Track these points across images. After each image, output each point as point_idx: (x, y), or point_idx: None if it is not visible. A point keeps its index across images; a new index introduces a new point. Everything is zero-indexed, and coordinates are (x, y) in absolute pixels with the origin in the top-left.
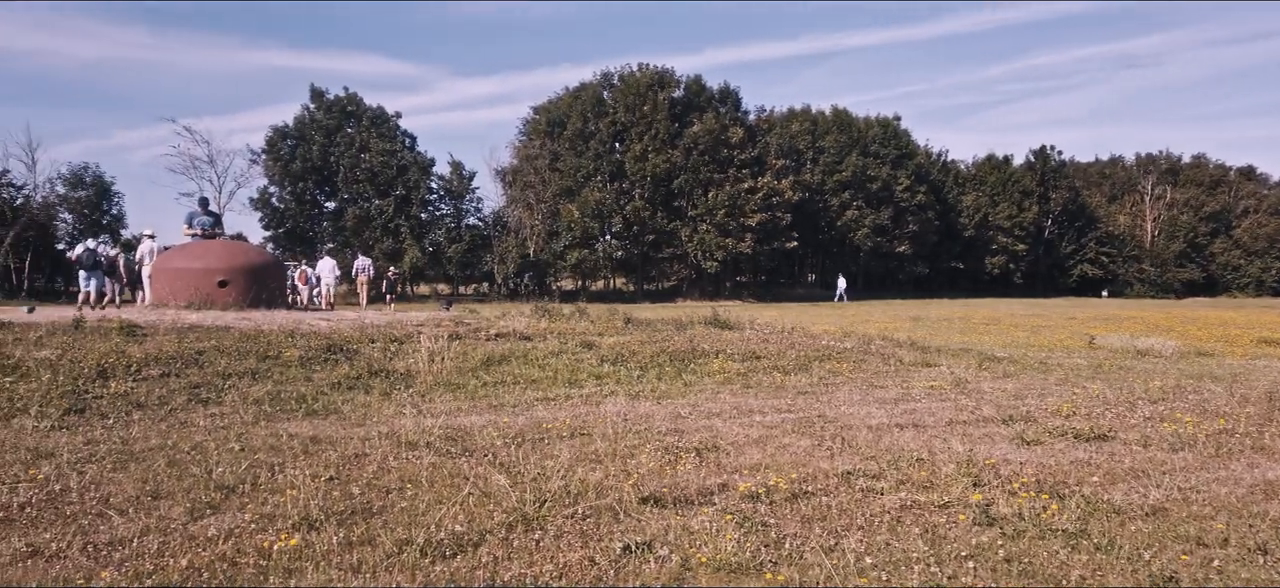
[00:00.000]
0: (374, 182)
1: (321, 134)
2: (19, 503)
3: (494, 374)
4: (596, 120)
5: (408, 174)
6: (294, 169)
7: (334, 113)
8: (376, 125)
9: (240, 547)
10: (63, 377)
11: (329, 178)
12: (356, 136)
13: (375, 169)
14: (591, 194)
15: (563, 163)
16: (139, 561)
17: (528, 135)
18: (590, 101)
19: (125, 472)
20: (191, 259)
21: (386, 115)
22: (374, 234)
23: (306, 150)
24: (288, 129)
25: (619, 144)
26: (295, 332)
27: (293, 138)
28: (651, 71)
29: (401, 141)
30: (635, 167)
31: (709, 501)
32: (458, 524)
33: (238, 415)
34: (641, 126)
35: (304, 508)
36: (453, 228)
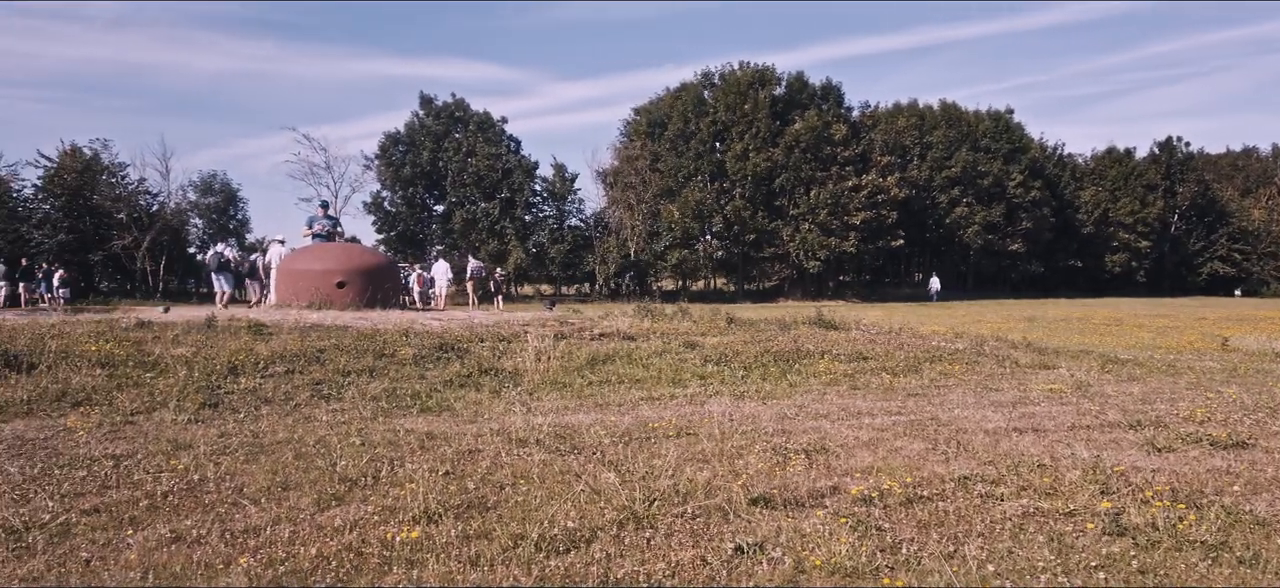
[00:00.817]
0: (480, 185)
1: (431, 140)
2: (162, 491)
3: (599, 373)
4: (697, 120)
5: (512, 177)
6: (405, 174)
7: (442, 119)
8: (483, 130)
9: (365, 537)
10: (197, 373)
11: (438, 182)
12: (464, 141)
13: (481, 173)
14: (692, 194)
15: (663, 163)
16: (272, 548)
17: (628, 136)
18: (691, 101)
19: (257, 463)
20: (312, 261)
21: (492, 120)
22: (480, 236)
23: (417, 156)
24: (399, 135)
25: (719, 143)
26: (409, 331)
27: (404, 144)
28: (752, 69)
29: (506, 146)
30: (736, 166)
31: (820, 503)
32: (570, 521)
33: (357, 411)
34: (742, 125)
35: (423, 502)
36: (555, 229)
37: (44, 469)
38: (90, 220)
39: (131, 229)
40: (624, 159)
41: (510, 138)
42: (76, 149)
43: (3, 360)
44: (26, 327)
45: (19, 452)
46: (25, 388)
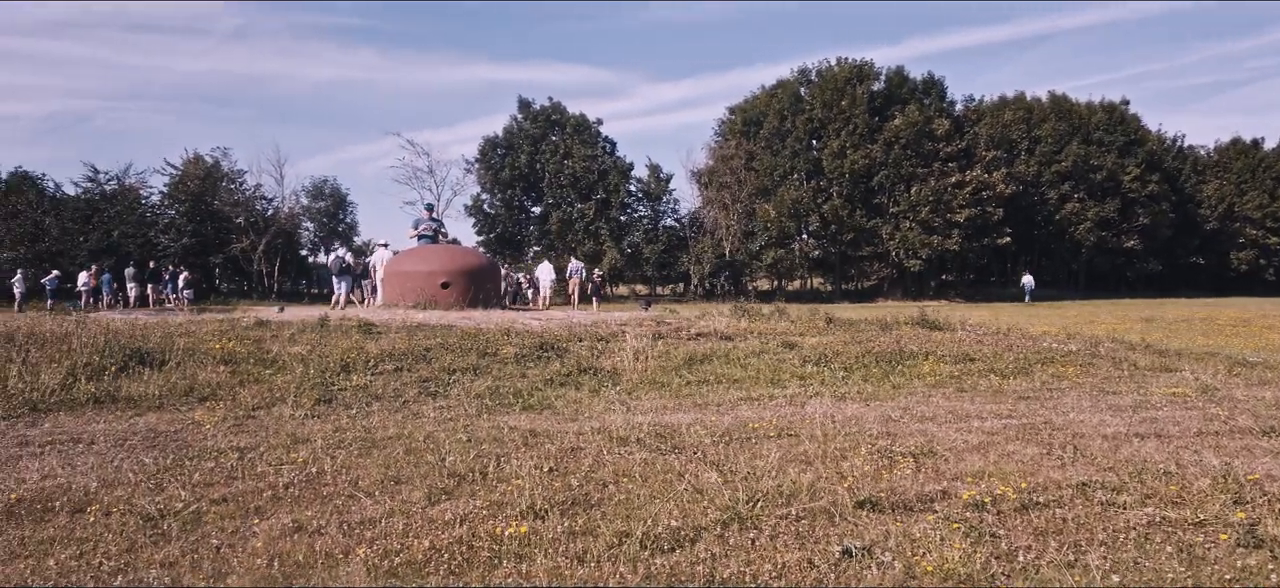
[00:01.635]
0: (576, 186)
1: (528, 143)
2: (284, 483)
3: (696, 373)
4: (793, 118)
5: (608, 178)
6: (504, 177)
7: (540, 122)
8: (579, 132)
9: (474, 532)
10: (312, 370)
11: (535, 184)
12: (561, 144)
13: (577, 174)
14: (788, 193)
15: (758, 162)
16: (387, 540)
17: (723, 136)
18: (786, 99)
19: (369, 458)
20: (417, 263)
21: (588, 122)
22: (576, 237)
23: (515, 159)
24: (498, 139)
25: (816, 141)
26: (510, 330)
27: (502, 147)
28: (850, 65)
29: (602, 147)
30: (833, 164)
31: (929, 507)
32: (673, 520)
33: (463, 408)
34: (839, 122)
35: (529, 498)
36: (650, 229)
37: (176, 460)
38: (211, 225)
39: (249, 233)
40: (719, 158)
41: (606, 140)
42: (199, 157)
43: (137, 358)
44: (157, 326)
45: (153, 443)
46: (156, 383)
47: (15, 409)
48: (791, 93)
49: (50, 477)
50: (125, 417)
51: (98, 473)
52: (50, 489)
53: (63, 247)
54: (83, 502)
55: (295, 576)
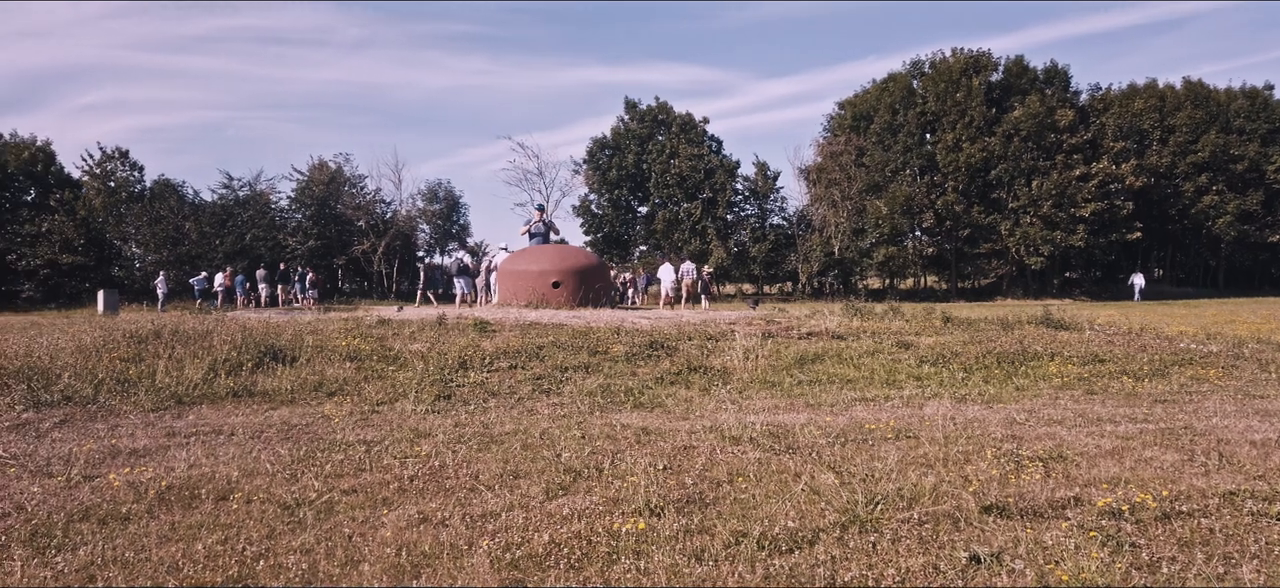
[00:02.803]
0: (683, 186)
1: (635, 143)
2: (408, 476)
3: (808, 373)
4: (905, 112)
5: (714, 177)
6: (611, 177)
7: (646, 122)
8: (685, 132)
9: (592, 527)
10: (432, 367)
11: (641, 184)
12: (667, 144)
13: (684, 174)
14: (900, 189)
15: (869, 158)
16: (508, 533)
17: (832, 131)
18: (898, 92)
19: (488, 453)
20: (529, 263)
21: (694, 121)
22: (682, 236)
23: (622, 159)
24: (605, 140)
25: (929, 135)
26: (620, 329)
27: (610, 148)
28: (965, 56)
29: (708, 146)
30: (947, 158)
31: (1061, 514)
32: (790, 520)
33: (575, 405)
34: (954, 115)
35: (644, 495)
36: (757, 228)
37: (308, 452)
38: (334, 228)
39: (369, 235)
40: (827, 155)
41: (712, 138)
42: (323, 163)
43: (270, 354)
44: (287, 325)
45: (287, 435)
46: (289, 379)
47: (162, 402)
48: (903, 86)
49: (196, 466)
50: (261, 410)
51: (238, 463)
52: (196, 477)
53: (201, 250)
54: (226, 490)
55: (422, 565)
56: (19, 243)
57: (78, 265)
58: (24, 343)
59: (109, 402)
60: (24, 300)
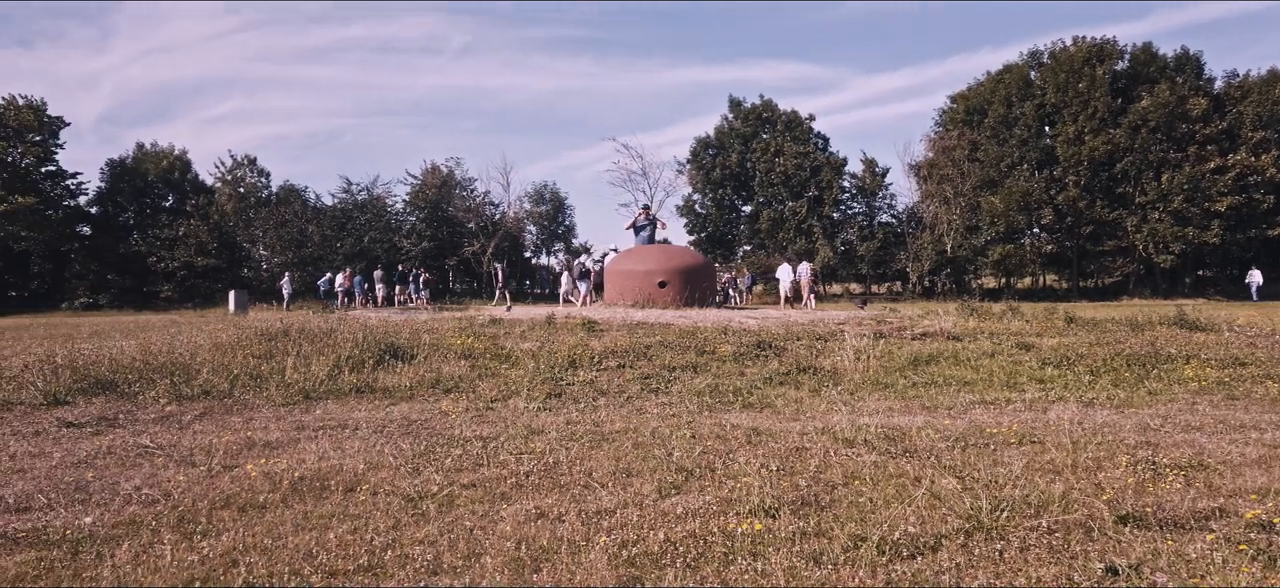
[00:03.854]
0: (788, 184)
1: (739, 142)
2: (524, 471)
3: (922, 374)
4: (1022, 104)
5: (820, 175)
6: (715, 176)
7: (750, 120)
8: (790, 129)
9: (707, 527)
10: (542, 365)
11: (746, 183)
12: (771, 142)
13: (789, 172)
14: (1016, 184)
15: (983, 152)
16: (624, 530)
17: (944, 126)
18: (1015, 84)
19: (600, 451)
20: (636, 263)
21: (800, 119)
22: (787, 235)
23: (725, 158)
24: (709, 139)
25: (1049, 128)
26: (727, 329)
27: (713, 147)
28: (1087, 44)
29: (814, 143)
30: (1068, 151)
31: (1205, 526)
32: (910, 526)
33: (684, 405)
34: (1076, 106)
35: (758, 496)
36: (865, 226)
37: (428, 447)
38: (446, 230)
39: (479, 236)
40: (939, 150)
41: (818, 135)
42: (435, 167)
43: (390, 352)
44: (405, 324)
45: (407, 431)
46: (407, 376)
47: (292, 397)
48: (1020, 77)
49: (325, 458)
50: (382, 405)
51: (364, 456)
52: (325, 469)
53: (322, 252)
54: (353, 482)
55: (541, 560)
56: (159, 246)
57: (211, 267)
58: (166, 341)
59: (243, 396)
60: (163, 300)
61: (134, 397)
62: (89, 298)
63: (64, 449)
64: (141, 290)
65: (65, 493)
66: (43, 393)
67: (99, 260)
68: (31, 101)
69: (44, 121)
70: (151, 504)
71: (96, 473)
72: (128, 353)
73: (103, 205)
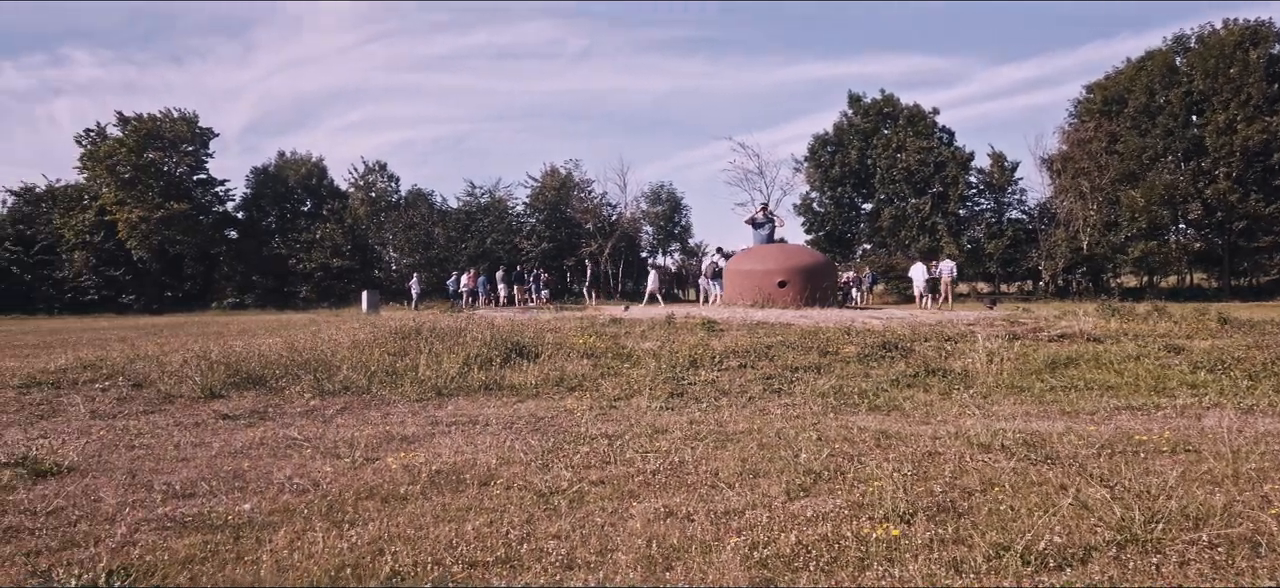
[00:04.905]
0: (910, 181)
1: (859, 138)
2: (651, 470)
3: (1060, 378)
4: (1166, 92)
5: (945, 170)
6: (833, 174)
7: (870, 116)
8: (913, 124)
9: (839, 530)
10: (664, 364)
11: (866, 180)
12: (893, 137)
13: (912, 168)
14: (1160, 177)
15: (1123, 144)
16: (753, 532)
17: (1079, 117)
18: (1157, 71)
19: (725, 451)
20: (755, 262)
21: (923, 113)
22: (910, 233)
23: (845, 155)
24: (828, 136)
25: (1196, 117)
26: (850, 329)
27: (832, 144)
28: (1239, 27)
29: (938, 138)
30: (1219, 141)
31: None
32: (1056, 536)
33: (808, 406)
34: (1227, 93)
35: (891, 501)
36: (993, 223)
37: (556, 444)
38: (564, 231)
39: (596, 237)
40: (1074, 142)
41: (942, 129)
42: (554, 169)
43: (516, 351)
44: (528, 323)
45: (535, 428)
46: (533, 374)
47: (425, 393)
48: (1164, 64)
49: (459, 453)
50: (510, 402)
51: (496, 452)
52: (460, 464)
53: (447, 253)
54: (487, 476)
55: (672, 557)
56: (298, 248)
57: (345, 268)
58: (308, 338)
59: (380, 392)
60: (302, 300)
61: (281, 391)
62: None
63: (222, 440)
64: (282, 291)
65: (225, 481)
66: (200, 387)
67: (244, 262)
68: (184, 114)
69: (195, 133)
70: (302, 493)
71: (251, 462)
72: (274, 350)
73: (248, 210)
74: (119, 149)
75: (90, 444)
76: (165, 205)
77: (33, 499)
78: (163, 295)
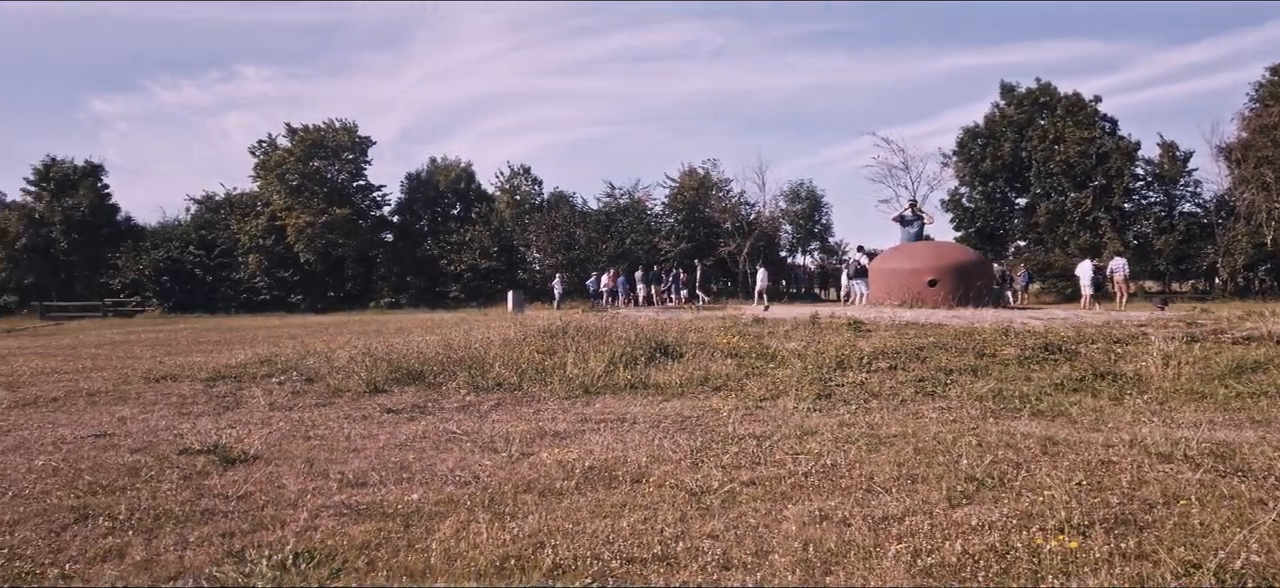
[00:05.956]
0: (1069, 173)
1: (1012, 130)
2: (802, 472)
3: (1249, 383)
4: None
5: (1108, 162)
6: (984, 168)
7: (1025, 106)
8: (1072, 113)
9: (1007, 541)
10: (809, 365)
11: (1020, 174)
12: (1049, 128)
13: (1071, 160)
14: None
15: None
16: (915, 539)
17: (1262, 101)
18: None
19: (879, 454)
20: (902, 260)
21: (1083, 101)
22: (1069, 229)
23: (996, 148)
24: (978, 129)
25: None
26: (1008, 330)
27: (983, 137)
28: None
29: (1100, 127)
30: None
31: None
32: (1254, 554)
33: (964, 410)
34: None
35: (1064, 511)
36: (1162, 217)
37: (704, 443)
38: (703, 230)
39: (734, 236)
40: (1256, 129)
41: (1104, 118)
42: (692, 169)
43: (660, 350)
44: (671, 323)
45: (682, 427)
46: (677, 373)
47: (572, 390)
48: None
49: (609, 450)
50: (655, 401)
51: (645, 449)
52: (611, 461)
53: (588, 254)
54: (639, 474)
55: (831, 562)
56: (448, 250)
57: (492, 269)
58: (462, 336)
59: (530, 389)
60: (452, 300)
61: (439, 387)
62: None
63: (387, 433)
64: (434, 290)
65: (393, 471)
66: (365, 382)
67: (399, 264)
68: (345, 124)
69: (355, 141)
70: (465, 486)
71: (416, 455)
72: (431, 347)
73: (402, 214)
74: (287, 158)
75: (271, 434)
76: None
77: (224, 485)
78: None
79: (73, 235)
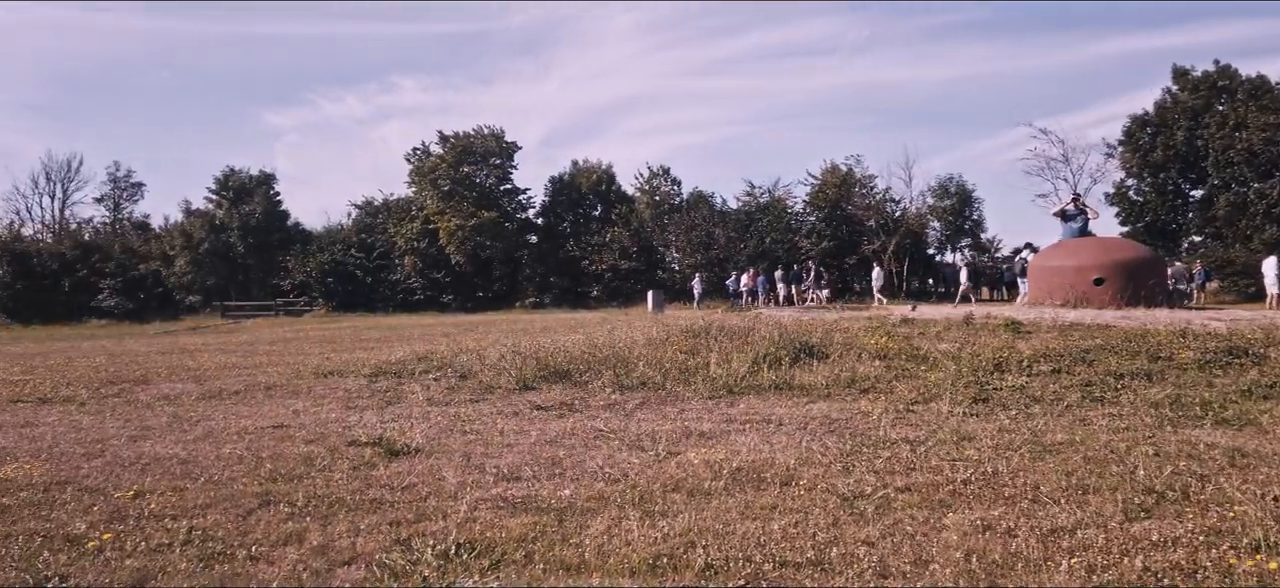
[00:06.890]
0: (1252, 163)
1: (1186, 117)
2: (960, 480)
3: None
4: None
5: None
6: (1154, 158)
7: (1201, 91)
8: (1255, 97)
9: (1193, 558)
10: (964, 368)
11: (1195, 164)
12: (1229, 114)
13: (1254, 148)
14: None
15: None
16: (1089, 553)
17: None
18: None
19: (1044, 463)
20: (1065, 258)
21: (1268, 84)
22: (1253, 223)
23: (1168, 136)
24: (1146, 117)
25: None
26: (1186, 332)
27: (1152, 125)
28: None
29: None
30: None
31: None
32: None
33: (1137, 418)
34: None
35: (1260, 529)
36: None
37: (854, 447)
38: (845, 228)
39: (879, 234)
40: None
41: None
42: (835, 166)
43: (805, 350)
44: (815, 323)
45: (829, 429)
46: (822, 374)
47: (716, 391)
48: None
49: (755, 452)
50: (800, 403)
51: (793, 452)
52: (758, 462)
53: (727, 253)
54: (788, 477)
55: (996, 574)
56: (590, 251)
57: (632, 269)
58: (605, 336)
59: (674, 389)
60: (593, 300)
61: (584, 385)
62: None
63: (538, 429)
64: (576, 291)
65: (544, 467)
66: (515, 379)
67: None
68: (493, 130)
69: (502, 147)
70: (614, 482)
71: (566, 451)
72: (577, 346)
73: (546, 216)
74: (440, 164)
75: (430, 429)
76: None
77: (390, 476)
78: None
79: (248, 240)
